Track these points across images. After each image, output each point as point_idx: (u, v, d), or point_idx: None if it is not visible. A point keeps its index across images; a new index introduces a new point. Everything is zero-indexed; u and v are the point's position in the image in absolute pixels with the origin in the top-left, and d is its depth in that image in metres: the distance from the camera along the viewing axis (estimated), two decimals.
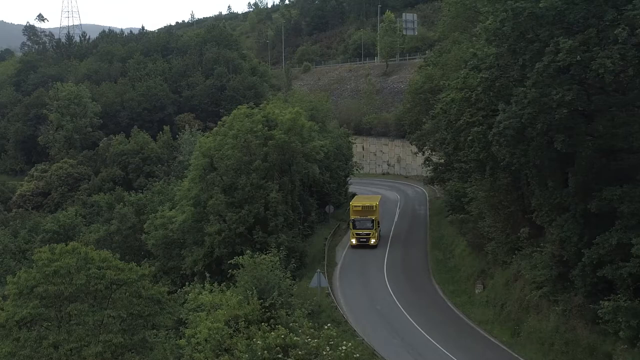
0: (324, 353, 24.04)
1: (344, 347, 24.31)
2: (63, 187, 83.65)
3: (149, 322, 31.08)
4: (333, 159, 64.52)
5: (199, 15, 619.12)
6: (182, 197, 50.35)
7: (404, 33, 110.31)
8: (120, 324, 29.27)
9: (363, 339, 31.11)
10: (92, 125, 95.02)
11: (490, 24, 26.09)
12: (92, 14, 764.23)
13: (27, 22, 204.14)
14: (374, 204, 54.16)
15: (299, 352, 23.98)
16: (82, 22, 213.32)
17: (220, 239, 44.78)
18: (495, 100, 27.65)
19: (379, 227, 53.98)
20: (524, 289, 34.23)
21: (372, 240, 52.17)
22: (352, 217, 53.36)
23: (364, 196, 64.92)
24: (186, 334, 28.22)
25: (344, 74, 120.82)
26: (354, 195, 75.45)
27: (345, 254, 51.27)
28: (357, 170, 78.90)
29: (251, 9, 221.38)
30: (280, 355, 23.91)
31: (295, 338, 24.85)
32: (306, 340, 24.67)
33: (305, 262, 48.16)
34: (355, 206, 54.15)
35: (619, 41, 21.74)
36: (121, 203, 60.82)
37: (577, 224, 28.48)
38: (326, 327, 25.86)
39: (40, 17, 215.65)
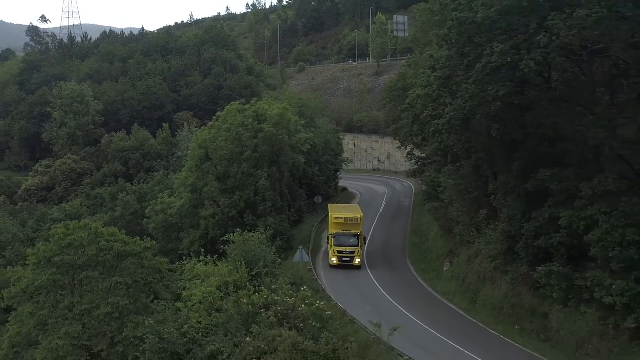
0: (300, 309, 28.44)
1: (317, 305, 28.72)
2: (66, 182, 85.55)
3: (151, 290, 35.31)
4: (322, 153, 68.28)
5: (198, 16, 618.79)
6: (180, 185, 54.30)
7: (395, 34, 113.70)
8: (126, 290, 33.47)
9: (337, 303, 35.44)
10: (94, 123, 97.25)
11: (443, 31, 30.56)
12: (92, 14, 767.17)
13: (31, 23, 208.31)
14: (359, 216, 46.08)
15: (279, 308, 28.37)
16: (82, 23, 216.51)
17: (214, 222, 48.74)
18: (450, 95, 32.08)
19: (365, 243, 46.48)
20: (482, 263, 38.53)
21: (357, 260, 44.57)
22: (332, 232, 45.69)
23: (343, 205, 57.93)
24: (183, 297, 32.71)
25: (338, 73, 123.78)
26: (344, 189, 79.56)
27: None
28: (346, 165, 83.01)
29: (249, 10, 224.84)
30: (262, 311, 28.36)
31: (275, 298, 29.34)
32: (285, 299, 29.11)
33: (292, 245, 51.97)
34: (337, 218, 45.96)
35: (542, 46, 26.14)
36: (124, 192, 64.56)
37: (521, 202, 32.93)
38: (303, 289, 30.28)
39: (43, 19, 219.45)
